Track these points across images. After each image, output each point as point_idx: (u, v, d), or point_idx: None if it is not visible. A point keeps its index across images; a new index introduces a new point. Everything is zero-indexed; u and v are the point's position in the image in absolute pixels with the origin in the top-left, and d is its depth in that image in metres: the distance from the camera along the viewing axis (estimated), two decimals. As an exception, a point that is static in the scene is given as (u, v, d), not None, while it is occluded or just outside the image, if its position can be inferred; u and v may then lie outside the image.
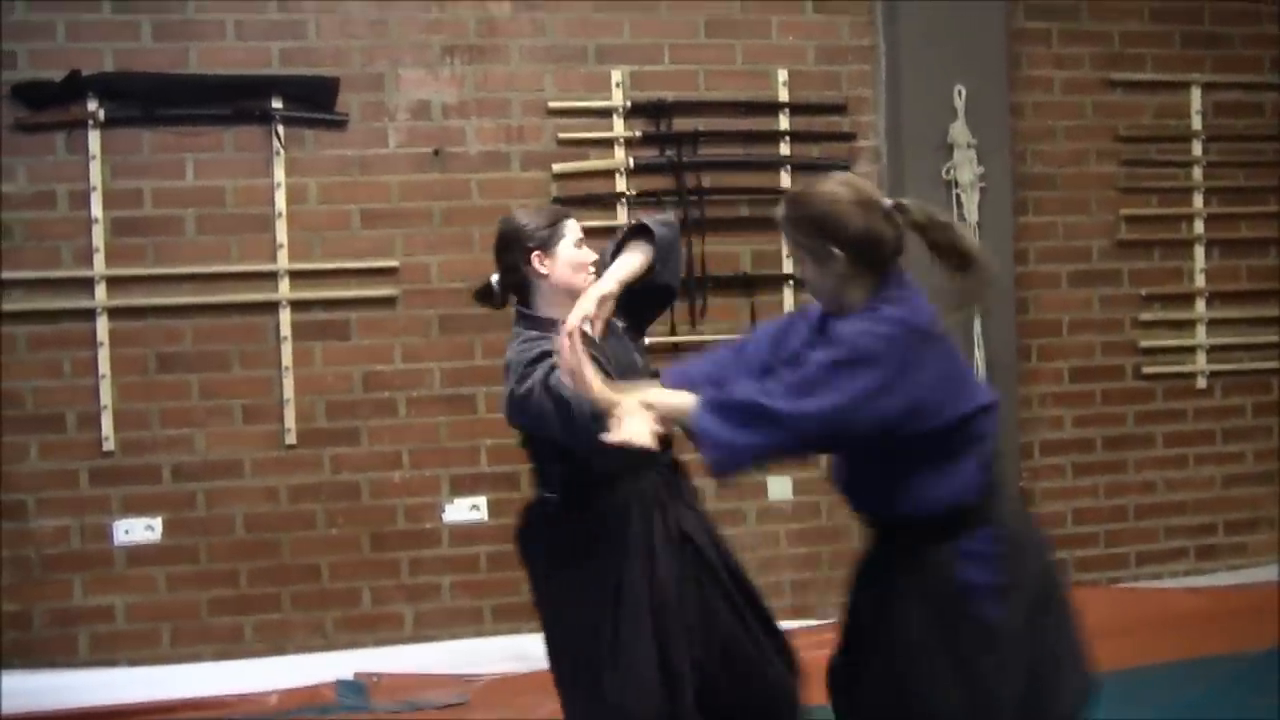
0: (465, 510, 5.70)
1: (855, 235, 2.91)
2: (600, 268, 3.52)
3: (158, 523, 5.59)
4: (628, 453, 2.99)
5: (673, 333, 5.95)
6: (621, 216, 5.93)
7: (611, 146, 5.97)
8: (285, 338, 5.67)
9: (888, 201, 2.97)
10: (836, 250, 2.91)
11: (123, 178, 5.56)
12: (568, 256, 3.55)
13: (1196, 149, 6.57)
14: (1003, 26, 6.22)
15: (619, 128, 5.96)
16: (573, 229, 3.58)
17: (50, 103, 5.46)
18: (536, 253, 3.52)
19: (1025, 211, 6.34)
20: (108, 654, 5.54)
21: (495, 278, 3.62)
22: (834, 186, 2.99)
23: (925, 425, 2.87)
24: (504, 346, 3.53)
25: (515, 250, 3.54)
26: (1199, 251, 6.59)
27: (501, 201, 5.83)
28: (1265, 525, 6.67)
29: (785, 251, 6.07)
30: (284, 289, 5.68)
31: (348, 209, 5.75)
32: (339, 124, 5.73)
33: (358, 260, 5.74)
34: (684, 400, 2.99)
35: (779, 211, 3.05)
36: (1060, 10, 6.41)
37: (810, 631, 5.76)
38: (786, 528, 5.95)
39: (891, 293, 2.94)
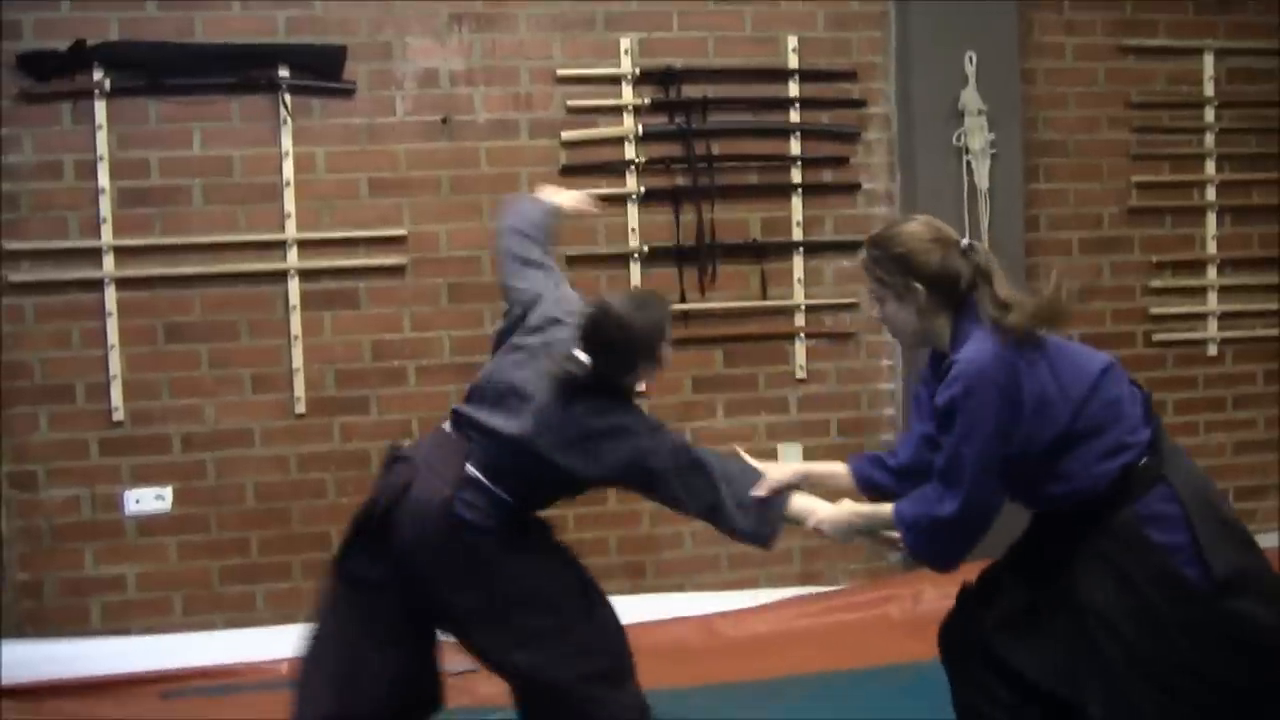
0: (475, 479, 5.70)
1: (934, 271, 3.16)
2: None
3: (168, 492, 5.60)
4: None
5: (682, 300, 5.94)
6: (631, 184, 5.91)
7: (620, 114, 5.94)
8: (294, 307, 5.66)
9: (964, 241, 3.20)
10: (917, 285, 3.17)
11: (129, 148, 5.54)
12: (665, 364, 3.68)
13: (1209, 115, 6.52)
14: (1014, -8, 6.19)
15: (628, 95, 5.93)
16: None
17: (55, 73, 5.44)
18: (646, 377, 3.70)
19: (1036, 178, 6.31)
20: (119, 623, 5.56)
21: (587, 358, 3.52)
22: (914, 227, 3.26)
23: (1062, 416, 3.08)
24: None
25: (627, 364, 3.56)
26: (1210, 218, 6.56)
27: (510, 169, 5.83)
28: (1274, 492, 6.65)
29: (796, 219, 6.08)
30: (292, 258, 5.67)
31: (356, 178, 5.73)
32: (346, 93, 5.71)
33: (366, 229, 5.73)
34: (884, 513, 3.36)
35: (861, 255, 3.30)
36: (1071, -25, 6.38)
37: (819, 597, 5.79)
38: (796, 494, 5.91)
39: (965, 329, 3.16)
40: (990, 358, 3.07)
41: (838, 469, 3.70)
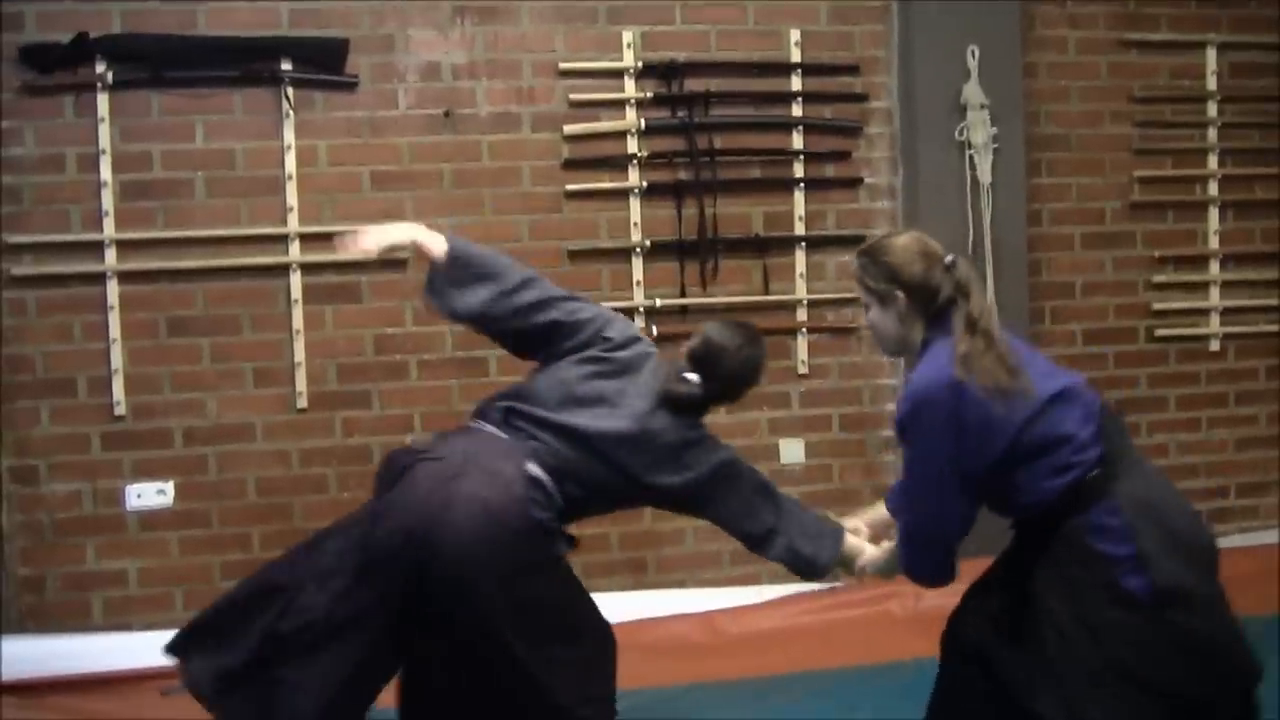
0: (477, 474, 5.68)
1: (916, 280, 3.34)
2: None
3: (169, 487, 5.59)
4: None
5: (682, 295, 5.94)
6: (633, 178, 5.90)
7: (623, 108, 5.92)
8: (296, 301, 5.65)
9: (949, 257, 3.37)
10: (899, 292, 3.35)
11: (131, 141, 5.52)
12: None
13: (1211, 110, 6.52)
14: (1016, -14, 6.18)
15: (630, 89, 5.92)
16: None
17: (58, 65, 5.41)
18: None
19: (1038, 173, 6.31)
20: (121, 618, 5.55)
21: (700, 381, 3.76)
22: (903, 240, 3.44)
23: (1003, 436, 3.19)
24: None
25: (735, 390, 3.90)
26: (1213, 213, 6.56)
27: (513, 163, 5.83)
28: (1276, 488, 6.66)
29: (798, 214, 6.07)
30: (295, 252, 5.66)
31: (358, 171, 5.71)
32: (349, 86, 5.69)
33: (368, 222, 5.59)
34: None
35: (854, 262, 3.49)
36: (1074, -32, 6.37)
37: (821, 594, 5.79)
38: (799, 490, 5.88)
39: (932, 342, 3.33)
40: (937, 378, 3.22)
41: (880, 507, 3.95)
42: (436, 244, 3.78)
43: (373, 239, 3.83)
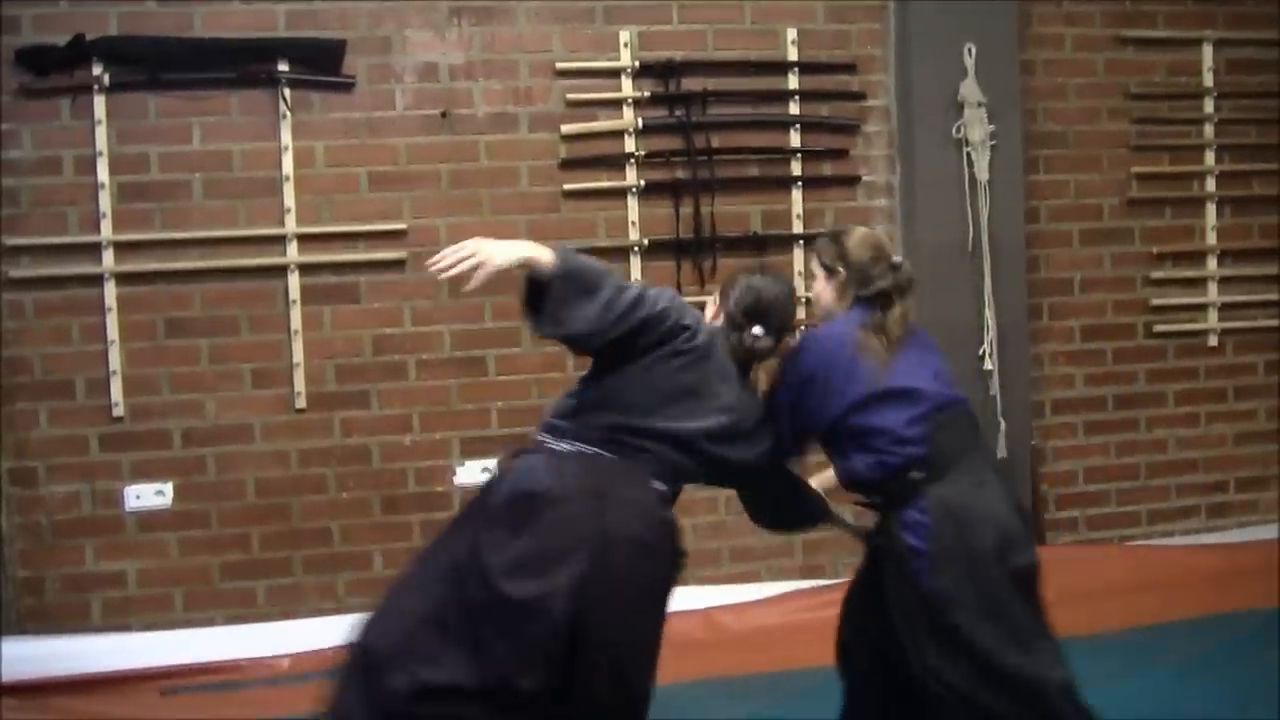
0: (476, 473, 5.66)
1: (858, 264, 3.72)
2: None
3: (168, 488, 5.59)
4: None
5: (679, 293, 5.93)
6: (630, 177, 5.90)
7: (620, 107, 5.93)
8: (294, 301, 5.65)
9: (896, 258, 3.75)
10: (842, 270, 3.74)
11: (129, 142, 5.53)
12: None
13: (1208, 106, 6.53)
14: (1013, -17, 6.18)
15: (627, 88, 5.92)
16: None
17: (55, 67, 5.42)
18: None
19: (1036, 170, 6.31)
20: (120, 619, 5.55)
21: (762, 332, 3.66)
22: (864, 230, 3.87)
23: (831, 406, 3.56)
24: (514, 309, 3.59)
25: (786, 333, 3.81)
26: (1210, 209, 6.56)
27: (510, 163, 5.83)
28: (1275, 483, 6.67)
29: (796, 212, 6.08)
30: (292, 253, 5.66)
31: (355, 172, 5.72)
32: (346, 87, 5.70)
33: (366, 223, 5.72)
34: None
35: (819, 242, 3.88)
36: (1070, -34, 6.37)
37: (821, 590, 5.79)
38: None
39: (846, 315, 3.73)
40: (819, 334, 3.75)
41: (829, 470, 4.02)
42: (546, 260, 3.32)
43: (480, 262, 3.35)
